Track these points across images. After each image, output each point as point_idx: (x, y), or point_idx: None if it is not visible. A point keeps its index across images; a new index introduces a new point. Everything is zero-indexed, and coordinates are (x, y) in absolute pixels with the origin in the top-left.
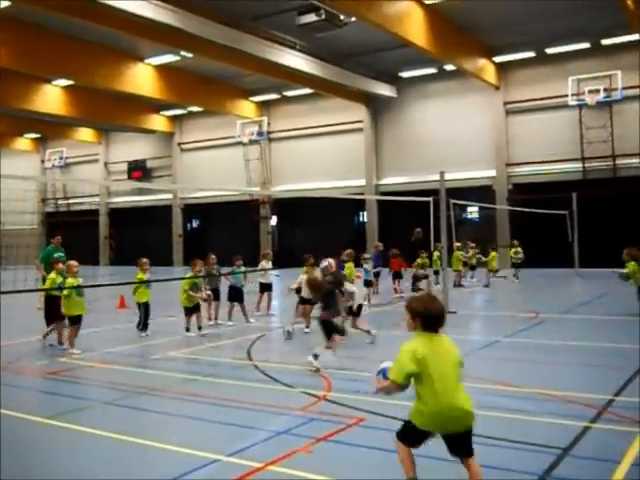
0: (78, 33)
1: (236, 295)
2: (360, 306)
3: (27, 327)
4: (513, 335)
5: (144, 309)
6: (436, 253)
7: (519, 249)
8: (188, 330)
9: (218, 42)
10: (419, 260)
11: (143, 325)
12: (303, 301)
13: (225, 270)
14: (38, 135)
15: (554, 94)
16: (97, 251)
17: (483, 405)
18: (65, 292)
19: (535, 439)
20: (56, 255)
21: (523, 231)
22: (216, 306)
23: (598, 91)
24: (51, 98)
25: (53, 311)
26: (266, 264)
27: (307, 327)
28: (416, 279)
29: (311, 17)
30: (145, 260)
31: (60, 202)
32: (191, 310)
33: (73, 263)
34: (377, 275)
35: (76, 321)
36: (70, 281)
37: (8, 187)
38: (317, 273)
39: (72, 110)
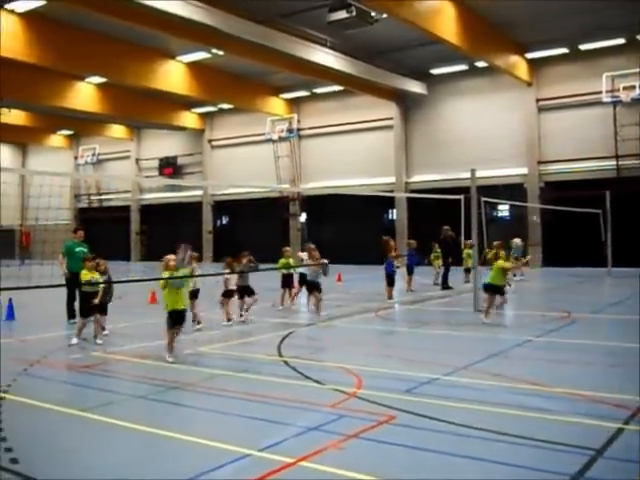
0: (111, 31)
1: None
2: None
3: (60, 321)
4: (545, 335)
5: None
6: (466, 251)
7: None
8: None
9: (249, 39)
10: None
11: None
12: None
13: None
14: (71, 132)
15: (588, 91)
16: (128, 247)
17: (515, 405)
18: (161, 284)
19: (567, 440)
20: (78, 249)
21: (555, 230)
22: (242, 302)
23: (633, 87)
24: (84, 95)
25: (86, 306)
26: (307, 257)
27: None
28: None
29: (342, 14)
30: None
31: (92, 198)
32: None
33: (171, 257)
34: (411, 272)
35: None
36: (165, 274)
37: (43, 183)
38: None
39: (104, 107)
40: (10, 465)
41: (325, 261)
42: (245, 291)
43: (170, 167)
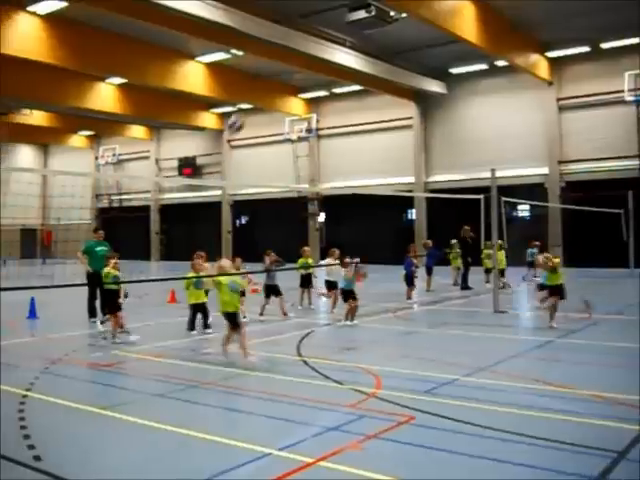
0: (131, 32)
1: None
2: None
3: (82, 319)
4: (566, 336)
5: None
6: (485, 251)
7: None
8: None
9: (268, 40)
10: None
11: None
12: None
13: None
14: (92, 132)
15: (610, 89)
16: (148, 246)
17: (536, 406)
18: (185, 284)
19: (589, 442)
20: (98, 249)
21: (576, 230)
22: (267, 301)
23: None
24: (104, 96)
25: (109, 304)
26: (332, 262)
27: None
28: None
29: (361, 14)
30: (199, 260)
31: (113, 198)
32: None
33: (198, 262)
34: (430, 272)
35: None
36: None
37: (66, 183)
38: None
39: (125, 108)
40: (33, 462)
41: (357, 260)
42: (272, 290)
43: (189, 167)
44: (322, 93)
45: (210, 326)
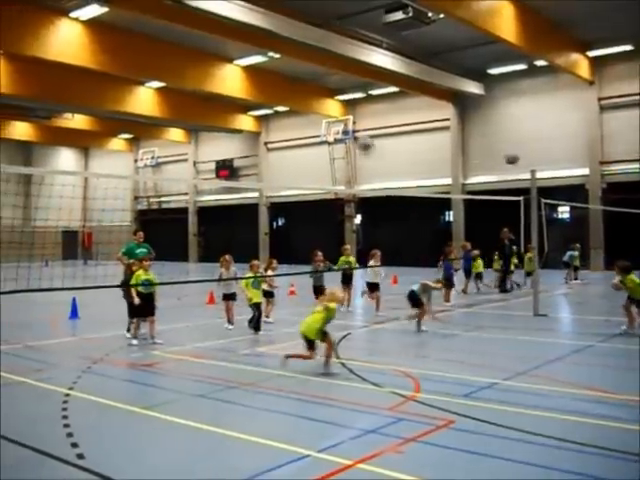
0: (169, 36)
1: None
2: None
3: (122, 319)
4: (608, 340)
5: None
6: (528, 254)
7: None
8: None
9: (305, 42)
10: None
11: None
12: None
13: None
14: (132, 135)
15: None
16: (186, 248)
17: (576, 411)
18: (243, 284)
19: (631, 448)
20: (138, 251)
21: (618, 232)
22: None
23: None
24: (144, 100)
25: (144, 307)
26: (374, 264)
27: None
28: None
29: (398, 15)
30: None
31: (152, 200)
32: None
33: (256, 263)
34: (468, 274)
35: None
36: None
37: (108, 186)
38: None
39: (163, 111)
40: (76, 460)
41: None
42: (318, 291)
43: (226, 169)
44: (359, 95)
45: (261, 328)
